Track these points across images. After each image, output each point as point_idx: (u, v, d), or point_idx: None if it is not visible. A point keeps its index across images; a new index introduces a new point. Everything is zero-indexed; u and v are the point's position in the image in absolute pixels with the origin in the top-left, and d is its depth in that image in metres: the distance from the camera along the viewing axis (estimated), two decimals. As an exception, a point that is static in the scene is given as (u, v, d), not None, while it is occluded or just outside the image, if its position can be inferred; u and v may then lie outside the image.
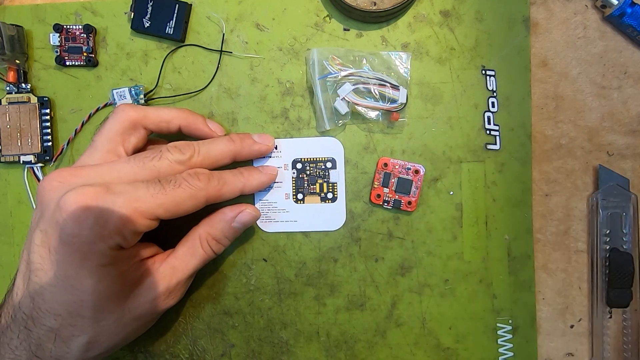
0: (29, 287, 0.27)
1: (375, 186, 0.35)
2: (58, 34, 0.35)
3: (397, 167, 0.35)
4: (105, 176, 0.28)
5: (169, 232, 0.32)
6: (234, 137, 0.32)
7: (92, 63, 0.36)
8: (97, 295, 0.27)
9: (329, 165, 0.35)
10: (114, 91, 0.35)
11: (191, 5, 0.35)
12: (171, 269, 0.30)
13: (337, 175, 0.35)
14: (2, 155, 0.36)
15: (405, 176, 0.34)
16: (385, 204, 0.34)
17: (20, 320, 0.27)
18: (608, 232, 0.34)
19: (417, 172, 0.34)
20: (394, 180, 0.34)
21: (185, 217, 0.29)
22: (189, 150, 0.30)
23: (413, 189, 0.34)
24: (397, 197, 0.34)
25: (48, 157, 0.36)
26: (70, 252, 0.26)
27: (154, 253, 0.31)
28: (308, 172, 0.35)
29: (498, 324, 0.35)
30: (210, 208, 0.34)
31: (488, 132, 0.35)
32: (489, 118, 0.35)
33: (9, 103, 0.36)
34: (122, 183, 0.27)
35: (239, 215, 0.32)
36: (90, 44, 0.35)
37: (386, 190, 0.34)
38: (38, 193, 0.28)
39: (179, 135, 0.33)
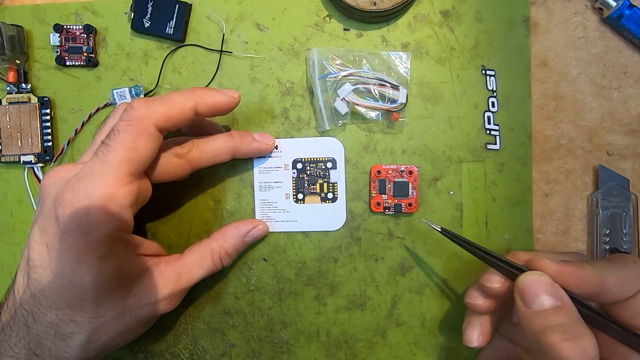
0: (30, 284, 0.27)
1: (373, 195, 0.34)
2: (58, 34, 0.35)
3: (390, 171, 0.34)
4: None
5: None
6: (234, 134, 0.32)
7: (92, 63, 0.36)
8: (97, 290, 0.27)
9: (329, 165, 0.35)
10: (114, 91, 0.35)
11: (191, 5, 0.35)
12: (177, 275, 0.31)
13: (337, 175, 0.35)
14: (2, 155, 0.36)
15: (400, 179, 0.34)
16: (387, 210, 0.34)
17: (21, 317, 0.27)
18: (608, 232, 0.34)
19: (410, 172, 0.34)
20: (390, 186, 0.34)
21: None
22: (188, 144, 0.30)
23: (410, 190, 0.34)
24: (396, 201, 0.34)
25: (48, 157, 0.36)
26: (67, 248, 0.26)
27: (155, 252, 0.31)
28: (308, 172, 0.35)
29: (498, 324, 0.35)
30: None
31: (488, 132, 0.35)
32: (489, 118, 0.35)
33: (9, 103, 0.36)
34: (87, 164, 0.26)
35: (253, 230, 0.33)
36: (91, 44, 0.35)
37: (384, 197, 0.34)
38: (39, 189, 0.28)
39: (179, 134, 0.33)
